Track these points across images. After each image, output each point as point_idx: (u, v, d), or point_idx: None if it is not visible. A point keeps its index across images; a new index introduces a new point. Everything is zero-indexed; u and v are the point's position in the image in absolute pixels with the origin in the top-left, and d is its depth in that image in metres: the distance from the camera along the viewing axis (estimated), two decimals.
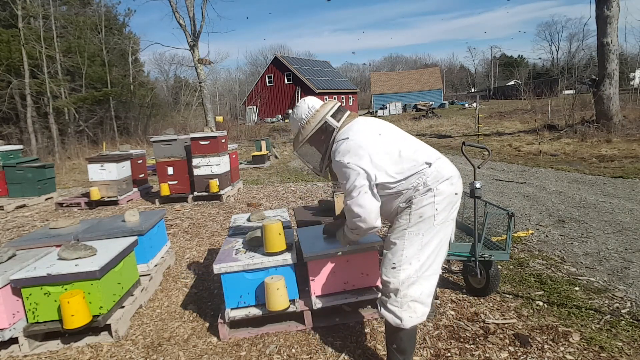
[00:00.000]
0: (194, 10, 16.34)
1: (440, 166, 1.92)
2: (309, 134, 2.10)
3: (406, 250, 1.88)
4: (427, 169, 1.89)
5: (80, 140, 17.58)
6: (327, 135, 2.07)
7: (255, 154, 10.88)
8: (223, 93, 45.12)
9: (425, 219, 1.87)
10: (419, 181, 1.88)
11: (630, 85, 29.08)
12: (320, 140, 2.11)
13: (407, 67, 65.00)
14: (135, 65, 22.80)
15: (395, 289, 1.89)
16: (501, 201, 5.47)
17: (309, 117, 2.11)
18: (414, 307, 1.88)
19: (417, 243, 1.88)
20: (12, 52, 15.33)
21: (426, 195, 1.87)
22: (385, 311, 1.94)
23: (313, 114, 2.10)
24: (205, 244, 4.51)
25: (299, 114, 2.14)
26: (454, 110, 30.56)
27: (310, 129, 2.09)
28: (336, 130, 2.05)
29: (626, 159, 7.89)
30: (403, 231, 1.90)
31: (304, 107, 2.14)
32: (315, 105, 2.13)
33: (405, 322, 1.88)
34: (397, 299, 1.89)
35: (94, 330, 2.63)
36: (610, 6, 10.66)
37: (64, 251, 2.65)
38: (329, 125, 2.06)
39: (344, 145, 1.94)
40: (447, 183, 1.90)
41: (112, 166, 6.67)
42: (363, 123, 2.06)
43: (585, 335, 2.35)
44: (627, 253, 3.51)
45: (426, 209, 1.87)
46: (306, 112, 2.12)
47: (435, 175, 1.89)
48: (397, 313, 1.89)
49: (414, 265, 1.88)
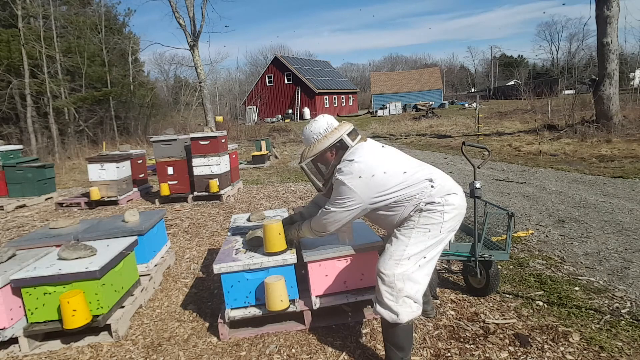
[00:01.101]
0: (194, 10, 16.36)
1: (444, 182, 2.04)
2: (324, 148, 2.15)
3: (409, 247, 1.95)
4: (430, 185, 2.00)
5: (80, 140, 17.58)
6: (338, 153, 2.16)
7: (255, 154, 10.88)
8: (223, 93, 45.11)
9: (435, 223, 1.96)
10: (423, 196, 1.98)
11: (630, 85, 29.08)
12: (329, 158, 2.18)
13: (407, 67, 64.98)
14: (135, 65, 22.78)
15: (390, 282, 1.94)
16: (501, 201, 5.47)
17: (327, 132, 2.17)
18: (409, 303, 1.94)
19: (421, 243, 1.95)
20: (12, 52, 15.32)
21: (436, 205, 1.96)
22: (380, 308, 1.98)
23: (331, 131, 2.17)
24: (205, 244, 4.51)
25: (317, 128, 2.19)
26: (454, 110, 30.56)
27: (327, 144, 2.14)
28: (348, 150, 2.13)
29: (626, 159, 7.89)
30: (411, 229, 1.97)
31: (323, 122, 2.21)
32: (334, 123, 2.22)
33: (401, 316, 1.92)
34: (392, 292, 1.94)
35: (94, 330, 2.63)
36: (610, 6, 10.66)
37: (64, 251, 2.65)
38: (343, 143, 2.14)
39: (349, 167, 2.02)
40: (455, 196, 2.01)
41: (112, 166, 6.67)
42: (369, 147, 2.15)
43: (585, 335, 2.35)
44: (627, 253, 3.51)
45: (435, 215, 1.96)
46: (324, 127, 2.19)
47: (439, 190, 1.99)
48: (393, 308, 1.93)
49: (412, 263, 1.94)
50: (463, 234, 3.18)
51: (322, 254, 2.49)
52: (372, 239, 2.60)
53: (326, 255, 2.50)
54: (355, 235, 2.71)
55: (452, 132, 15.51)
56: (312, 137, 2.19)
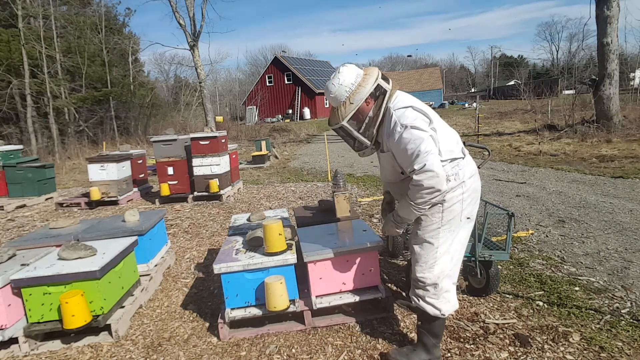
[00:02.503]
0: (194, 11, 16.36)
1: (470, 161, 2.03)
2: (363, 98, 1.90)
3: (440, 248, 1.99)
4: (463, 160, 1.97)
5: (80, 140, 17.57)
6: (377, 101, 1.93)
7: (255, 154, 10.88)
8: (223, 93, 45.11)
9: (455, 215, 1.97)
10: (455, 170, 1.93)
11: (630, 85, 29.08)
12: (365, 109, 1.95)
13: (407, 67, 65.01)
14: (135, 65, 22.79)
15: (433, 284, 2.01)
16: (501, 201, 5.47)
17: (358, 80, 1.92)
18: (447, 298, 2.04)
19: (449, 240, 2.00)
20: (12, 52, 15.31)
21: (456, 191, 1.94)
22: (424, 303, 2.05)
23: (363, 77, 1.93)
24: (205, 244, 4.51)
25: (347, 78, 1.92)
26: (454, 110, 30.56)
27: (365, 92, 1.90)
28: (387, 96, 1.92)
29: (626, 159, 7.89)
30: (437, 230, 1.98)
31: (350, 71, 1.94)
32: (359, 70, 1.98)
33: (444, 312, 2.03)
34: (435, 292, 2.02)
35: (94, 330, 2.63)
36: (610, 6, 10.66)
37: (64, 251, 2.65)
38: (381, 87, 1.92)
39: (409, 112, 1.86)
40: (474, 179, 2.01)
41: (112, 166, 6.67)
42: (410, 96, 2.01)
43: (585, 335, 2.35)
44: (627, 253, 3.51)
45: (456, 207, 1.96)
46: (354, 76, 1.93)
47: (466, 169, 1.97)
48: (436, 305, 2.03)
49: (446, 260, 2.01)
50: None
51: (322, 254, 2.49)
52: (372, 239, 2.60)
53: (326, 255, 2.49)
54: (355, 236, 2.71)
55: None
56: (345, 90, 1.92)
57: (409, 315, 2.63)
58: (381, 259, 3.52)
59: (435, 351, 2.13)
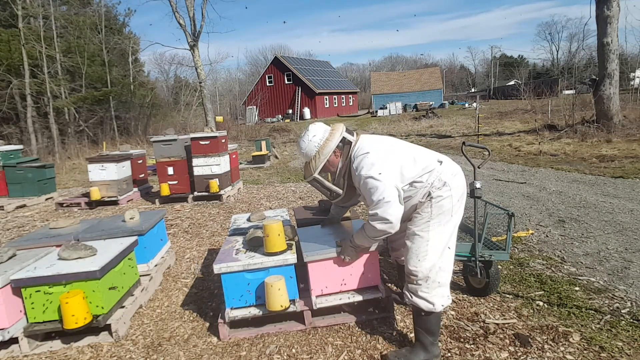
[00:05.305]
0: (194, 11, 16.36)
1: (450, 164, 2.19)
2: (330, 151, 2.18)
3: (431, 241, 2.06)
4: (440, 167, 2.11)
5: (80, 140, 17.56)
6: (344, 151, 2.20)
7: (255, 154, 10.88)
8: (223, 93, 45.09)
9: (445, 211, 2.08)
10: (434, 178, 2.08)
11: (630, 85, 29.04)
12: (334, 160, 2.23)
13: (407, 67, 64.97)
14: (135, 65, 22.78)
15: (425, 277, 2.06)
16: (501, 201, 5.47)
17: (326, 135, 2.21)
18: (441, 292, 2.08)
19: (439, 233, 2.08)
20: (12, 52, 15.31)
21: (443, 189, 2.08)
22: (416, 298, 2.09)
23: (330, 132, 2.22)
24: (205, 244, 4.51)
25: (316, 135, 2.21)
26: (454, 110, 30.55)
27: (332, 146, 2.17)
28: (352, 146, 2.18)
29: (626, 159, 7.89)
30: (427, 223, 2.08)
31: (318, 128, 2.25)
32: (327, 127, 2.28)
33: (437, 306, 2.07)
34: (427, 285, 2.07)
35: (94, 330, 2.63)
36: (610, 6, 10.65)
37: (64, 251, 2.65)
38: (346, 139, 2.19)
39: (367, 159, 2.08)
40: (458, 177, 2.15)
41: (112, 166, 6.67)
42: (373, 139, 2.23)
43: (586, 335, 2.35)
44: (627, 253, 3.51)
45: (445, 202, 2.08)
46: (322, 132, 2.23)
47: (447, 171, 2.13)
48: (428, 299, 2.07)
49: (437, 253, 2.07)
50: (463, 233, 3.17)
51: (322, 254, 2.49)
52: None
53: (326, 255, 2.49)
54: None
55: (452, 132, 15.50)
56: (314, 146, 2.21)
57: (409, 315, 2.63)
58: (381, 259, 3.52)
59: (434, 349, 2.14)
